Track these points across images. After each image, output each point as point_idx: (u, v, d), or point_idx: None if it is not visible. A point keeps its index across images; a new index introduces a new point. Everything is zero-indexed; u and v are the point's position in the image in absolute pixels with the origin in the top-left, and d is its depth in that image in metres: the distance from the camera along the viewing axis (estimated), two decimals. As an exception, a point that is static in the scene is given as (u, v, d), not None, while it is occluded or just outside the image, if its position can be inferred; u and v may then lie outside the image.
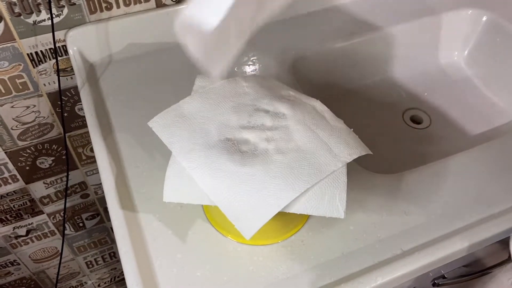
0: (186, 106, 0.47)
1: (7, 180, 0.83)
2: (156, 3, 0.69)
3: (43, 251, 1.04)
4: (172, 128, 0.45)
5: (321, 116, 0.47)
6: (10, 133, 0.75)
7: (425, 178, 0.55)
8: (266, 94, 0.48)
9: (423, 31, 0.80)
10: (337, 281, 0.46)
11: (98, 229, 1.06)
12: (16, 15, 0.61)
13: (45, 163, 0.84)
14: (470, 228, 0.50)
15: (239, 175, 0.41)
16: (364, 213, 0.51)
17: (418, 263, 0.47)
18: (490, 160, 0.57)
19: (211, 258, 0.47)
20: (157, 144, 0.55)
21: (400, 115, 0.75)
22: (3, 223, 0.91)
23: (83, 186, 0.93)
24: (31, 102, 0.73)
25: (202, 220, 0.50)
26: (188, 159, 0.42)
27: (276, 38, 0.73)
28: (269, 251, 0.48)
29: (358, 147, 0.45)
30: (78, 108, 0.77)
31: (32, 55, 0.67)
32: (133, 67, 0.67)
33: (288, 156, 0.42)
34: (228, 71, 0.43)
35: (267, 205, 0.40)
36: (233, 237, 0.48)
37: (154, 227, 0.49)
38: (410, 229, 0.50)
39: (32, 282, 1.12)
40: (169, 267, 0.46)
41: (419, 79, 0.80)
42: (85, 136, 0.82)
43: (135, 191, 0.52)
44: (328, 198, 0.41)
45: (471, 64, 0.81)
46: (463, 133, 0.72)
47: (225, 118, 0.45)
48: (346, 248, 0.48)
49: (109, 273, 1.24)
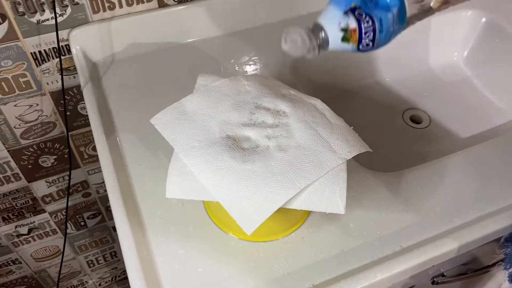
0: (188, 104, 0.47)
1: (9, 179, 0.84)
2: (158, 3, 0.69)
3: (44, 250, 1.04)
4: (174, 125, 0.46)
5: (321, 114, 0.47)
6: (13, 132, 0.76)
7: (424, 177, 0.55)
8: (267, 92, 0.48)
9: (423, 32, 0.80)
10: (337, 277, 0.46)
11: (99, 228, 1.07)
12: (20, 14, 0.62)
13: (48, 161, 0.84)
14: (468, 225, 0.50)
15: (240, 171, 0.42)
16: (364, 210, 0.51)
17: (417, 260, 0.47)
18: (489, 159, 0.58)
19: (213, 254, 0.48)
20: (159, 142, 0.56)
21: (400, 115, 0.76)
22: (5, 221, 0.92)
23: (85, 185, 0.93)
24: (34, 101, 0.73)
25: (203, 217, 0.51)
26: (189, 156, 0.43)
27: (276, 38, 0.73)
28: (269, 247, 0.48)
29: (357, 145, 0.45)
30: (81, 107, 0.78)
31: (35, 54, 0.67)
32: (135, 66, 0.68)
33: (289, 153, 0.43)
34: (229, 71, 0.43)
35: (268, 201, 0.41)
36: (234, 233, 0.49)
37: (156, 224, 0.50)
38: (409, 227, 0.50)
39: (34, 281, 1.12)
40: (171, 263, 0.47)
41: (419, 80, 0.81)
42: (87, 135, 0.83)
43: (137, 188, 0.53)
44: (328, 194, 0.41)
45: (471, 64, 0.82)
46: (462, 132, 0.72)
47: (226, 115, 0.46)
48: (346, 245, 0.49)
49: (110, 272, 1.25)
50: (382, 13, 0.39)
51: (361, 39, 0.40)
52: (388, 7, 0.39)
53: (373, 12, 0.39)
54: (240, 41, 0.73)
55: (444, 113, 0.76)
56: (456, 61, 0.83)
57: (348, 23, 0.39)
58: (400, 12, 0.40)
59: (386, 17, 0.39)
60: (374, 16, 0.39)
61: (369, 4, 0.39)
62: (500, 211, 0.52)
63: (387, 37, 0.40)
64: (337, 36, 0.40)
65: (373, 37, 0.40)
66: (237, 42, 0.72)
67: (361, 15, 0.39)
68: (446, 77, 0.81)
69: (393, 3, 0.39)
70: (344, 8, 0.39)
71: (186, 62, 0.69)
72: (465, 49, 0.82)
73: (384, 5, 0.39)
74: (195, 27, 0.72)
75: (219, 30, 0.73)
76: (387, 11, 0.39)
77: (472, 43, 0.81)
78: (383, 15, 0.39)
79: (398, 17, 0.40)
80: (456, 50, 0.83)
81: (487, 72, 0.79)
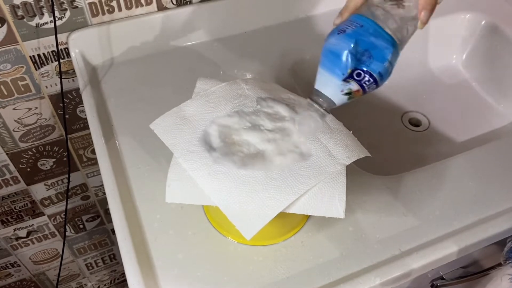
0: (187, 109, 0.47)
1: (8, 182, 0.83)
2: (157, 6, 0.69)
3: (43, 252, 1.04)
4: (174, 130, 0.46)
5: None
6: (12, 135, 0.76)
7: (423, 180, 0.55)
8: (266, 97, 0.48)
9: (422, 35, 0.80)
10: (336, 281, 0.46)
11: (98, 231, 1.06)
12: (19, 18, 0.62)
13: (46, 164, 0.84)
14: (467, 229, 0.50)
15: (240, 176, 0.42)
16: (363, 214, 0.51)
17: (416, 264, 0.47)
18: (488, 162, 0.58)
19: (212, 258, 0.48)
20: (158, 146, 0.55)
21: (399, 117, 0.76)
22: (4, 224, 0.92)
23: (84, 188, 0.93)
24: (33, 104, 0.73)
25: (202, 221, 0.51)
26: (189, 160, 0.43)
27: (275, 41, 0.74)
28: (269, 251, 0.48)
29: (357, 150, 0.45)
30: (80, 110, 0.78)
31: (34, 58, 0.67)
32: (134, 70, 0.68)
33: (288, 158, 0.43)
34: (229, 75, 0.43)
35: (267, 207, 0.41)
36: (234, 237, 0.49)
37: (155, 228, 0.50)
38: (408, 230, 0.50)
39: (32, 284, 1.12)
40: (170, 267, 0.47)
41: (418, 82, 0.81)
42: (86, 138, 0.83)
43: (136, 192, 0.53)
44: (327, 199, 0.41)
45: (469, 67, 0.82)
46: (461, 135, 0.72)
47: (225, 120, 0.46)
48: (345, 249, 0.49)
49: (109, 275, 1.25)
50: (379, 66, 0.39)
51: (365, 92, 0.41)
52: (383, 57, 0.39)
53: (370, 67, 0.39)
54: (239, 44, 0.73)
55: (443, 116, 0.76)
56: (455, 64, 0.83)
57: (350, 88, 0.40)
58: (395, 52, 0.40)
59: (383, 67, 0.39)
60: (373, 72, 0.39)
61: (363, 59, 0.39)
62: (499, 214, 0.52)
63: (388, 76, 0.41)
64: (342, 98, 0.41)
65: (376, 85, 0.41)
66: (236, 45, 0.72)
67: (360, 75, 0.39)
68: (445, 80, 0.82)
69: (387, 51, 0.39)
70: (342, 77, 0.39)
71: (185, 65, 0.69)
72: (464, 52, 0.82)
73: (378, 55, 0.39)
74: (194, 30, 0.72)
75: (218, 33, 0.73)
76: (383, 62, 0.39)
77: (471, 45, 0.81)
78: (380, 68, 0.39)
79: (393, 57, 0.40)
80: (455, 53, 0.83)
81: (486, 75, 0.79)
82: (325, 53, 0.40)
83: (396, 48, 0.40)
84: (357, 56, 0.39)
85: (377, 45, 0.39)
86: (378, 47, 0.39)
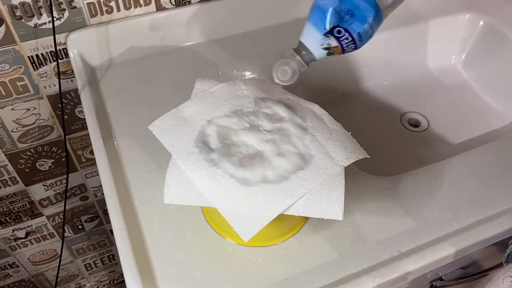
0: (186, 110, 0.47)
1: (6, 182, 0.83)
2: (156, 7, 0.69)
3: (42, 253, 1.04)
4: (172, 132, 0.45)
5: (319, 119, 0.47)
6: (10, 135, 0.76)
7: (422, 181, 0.55)
8: (265, 97, 0.48)
9: (421, 35, 0.80)
10: (335, 282, 0.46)
11: (97, 231, 1.06)
12: (17, 18, 0.62)
13: (45, 165, 0.84)
14: (467, 230, 0.50)
15: (238, 178, 0.41)
16: (362, 215, 0.51)
17: (415, 265, 0.47)
18: (487, 162, 0.58)
19: (211, 259, 0.48)
20: (157, 146, 0.55)
21: (398, 118, 0.76)
22: (3, 225, 0.92)
23: (83, 188, 0.93)
24: (31, 105, 0.73)
25: (201, 222, 0.51)
26: (187, 161, 0.43)
27: (274, 42, 0.73)
28: (267, 253, 0.48)
29: (355, 151, 0.45)
30: (78, 110, 0.77)
31: (33, 58, 0.67)
32: (133, 70, 0.68)
33: (287, 159, 0.43)
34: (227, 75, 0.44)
35: (265, 209, 0.40)
36: (232, 238, 0.49)
37: (153, 229, 0.50)
38: (407, 231, 0.50)
39: (31, 284, 1.12)
40: (169, 268, 0.47)
41: (417, 83, 0.81)
42: (85, 138, 0.83)
43: (135, 193, 0.53)
44: (326, 200, 0.41)
45: (468, 67, 0.82)
46: (460, 136, 0.72)
47: (224, 121, 0.46)
48: (344, 250, 0.49)
49: (108, 275, 1.24)
50: (359, 26, 0.42)
51: (344, 51, 0.43)
52: (364, 18, 0.41)
53: (350, 27, 0.41)
54: (238, 44, 0.73)
55: (442, 117, 0.76)
56: (454, 64, 0.83)
57: (330, 43, 0.43)
58: (376, 17, 0.42)
59: (363, 29, 0.42)
60: (352, 31, 0.42)
61: (346, 17, 0.41)
62: (498, 215, 0.52)
63: (368, 39, 0.43)
64: (321, 53, 0.44)
65: (355, 46, 0.43)
66: (235, 46, 0.72)
67: (340, 32, 0.42)
68: (444, 81, 0.81)
69: (368, 13, 0.41)
70: (323, 31, 0.42)
71: (184, 66, 0.69)
72: (463, 52, 0.82)
73: (360, 16, 0.41)
74: (193, 31, 0.72)
75: (217, 34, 0.73)
76: (363, 23, 0.41)
77: (470, 46, 0.81)
78: (360, 29, 0.42)
79: (375, 21, 0.42)
80: (453, 53, 0.83)
81: (485, 75, 0.79)
82: (313, 8, 0.43)
83: (379, 13, 0.42)
84: (340, 14, 0.41)
85: (360, 7, 0.41)
86: (361, 8, 0.41)
